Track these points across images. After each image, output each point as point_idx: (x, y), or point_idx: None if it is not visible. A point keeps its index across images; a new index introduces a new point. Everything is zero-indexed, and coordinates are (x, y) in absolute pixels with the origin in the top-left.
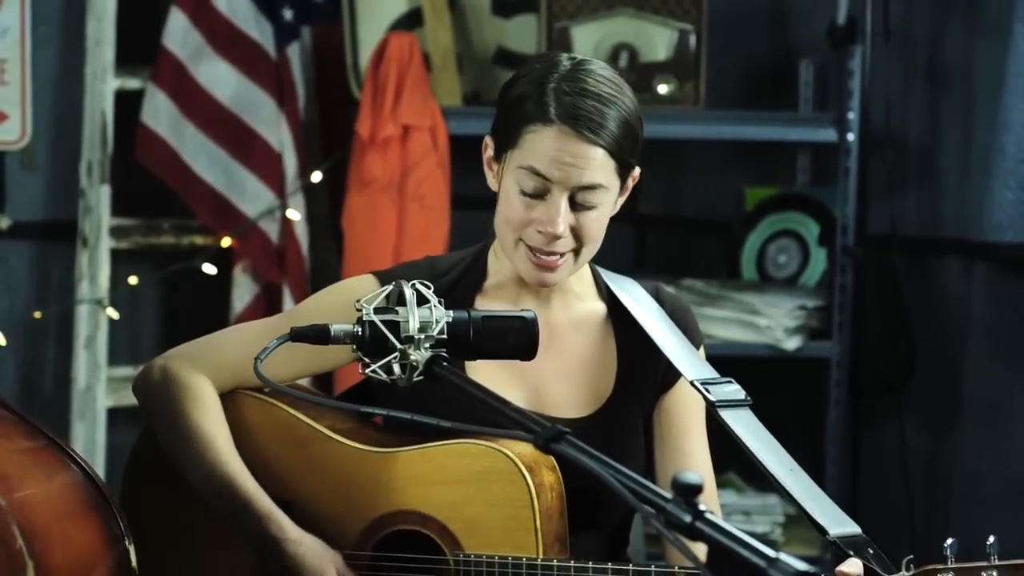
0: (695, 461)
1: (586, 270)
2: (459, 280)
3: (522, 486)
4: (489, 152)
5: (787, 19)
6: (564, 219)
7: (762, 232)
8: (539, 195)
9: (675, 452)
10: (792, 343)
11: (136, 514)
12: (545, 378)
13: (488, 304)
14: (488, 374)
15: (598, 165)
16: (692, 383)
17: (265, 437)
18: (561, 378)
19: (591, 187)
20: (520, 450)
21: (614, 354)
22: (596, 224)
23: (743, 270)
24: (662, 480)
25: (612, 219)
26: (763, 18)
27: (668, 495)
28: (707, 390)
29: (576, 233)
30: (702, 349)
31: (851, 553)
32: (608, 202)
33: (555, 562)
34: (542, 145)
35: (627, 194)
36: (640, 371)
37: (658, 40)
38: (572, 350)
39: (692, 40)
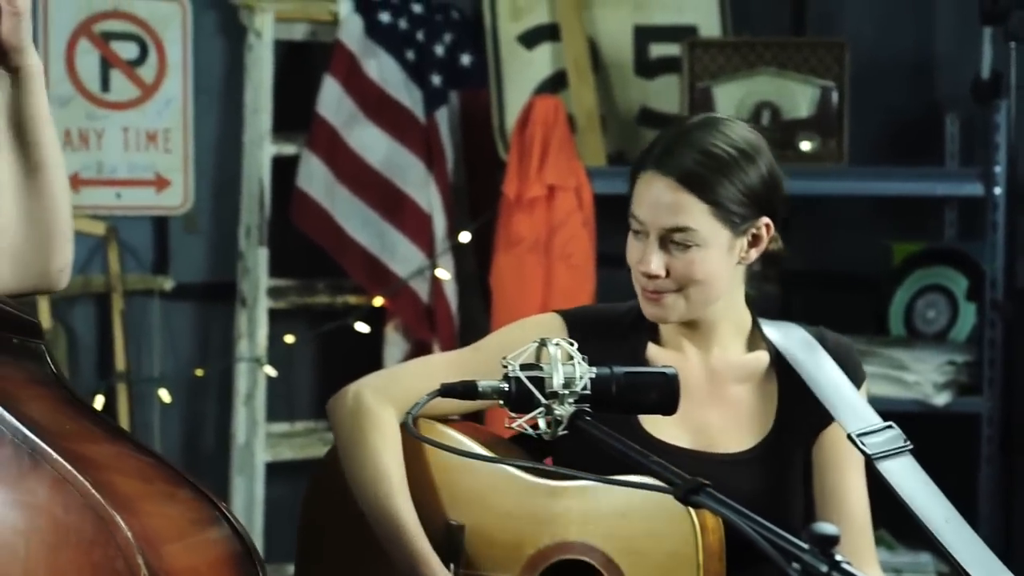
0: (851, 496)
1: (745, 320)
2: (632, 327)
3: (688, 524)
4: None
5: (930, 73)
6: (656, 259)
7: (910, 287)
8: (640, 236)
9: (832, 489)
10: (941, 399)
11: (313, 526)
12: (708, 420)
13: (657, 351)
14: (654, 416)
15: (686, 209)
16: (849, 436)
17: (443, 463)
18: (722, 419)
19: (679, 229)
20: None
21: (775, 396)
22: (695, 266)
23: (891, 326)
24: (819, 517)
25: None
26: (905, 73)
27: (805, 545)
28: (863, 442)
29: (674, 273)
30: (864, 387)
31: None
32: (712, 245)
33: None
34: (640, 190)
35: (761, 244)
36: (801, 412)
37: (800, 97)
38: (732, 394)
39: (834, 96)
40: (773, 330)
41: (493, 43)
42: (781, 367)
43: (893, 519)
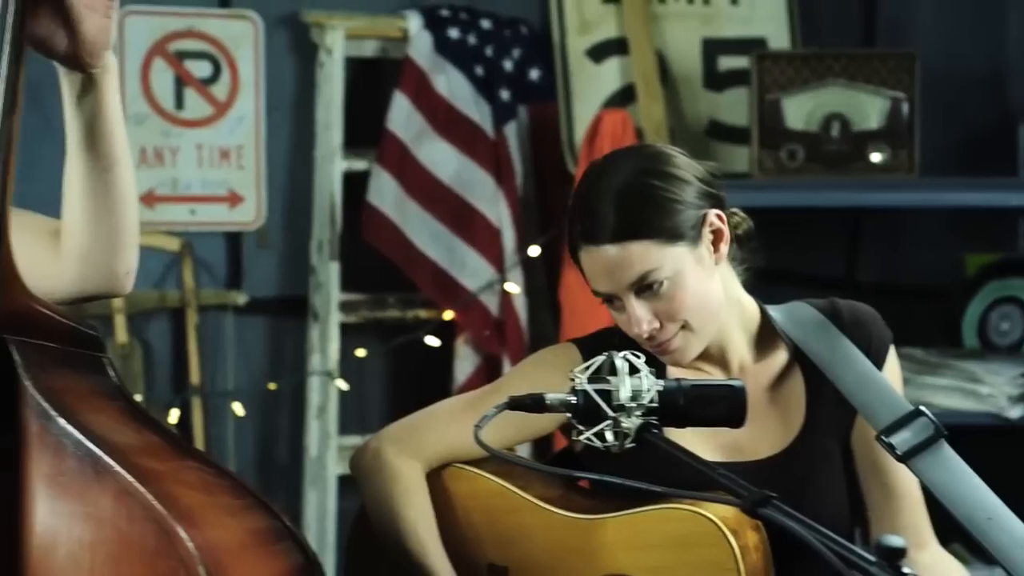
0: (898, 474)
1: (753, 318)
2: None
3: (726, 550)
4: None
5: (1002, 83)
6: (642, 316)
7: (984, 299)
8: (615, 304)
9: (878, 470)
10: (1016, 411)
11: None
12: (737, 434)
13: (678, 373)
14: (681, 434)
15: (635, 257)
16: (878, 438)
17: (478, 507)
18: (750, 428)
19: (642, 277)
20: (723, 513)
21: (802, 393)
22: (678, 298)
23: (964, 338)
24: (874, 513)
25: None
26: (977, 83)
27: (872, 558)
28: (892, 440)
29: (666, 316)
30: (891, 354)
31: None
32: (681, 270)
33: None
34: (588, 268)
35: (725, 234)
36: (831, 403)
37: (870, 109)
38: (758, 401)
39: (905, 107)
40: (784, 317)
41: (561, 57)
42: (802, 360)
43: (967, 534)
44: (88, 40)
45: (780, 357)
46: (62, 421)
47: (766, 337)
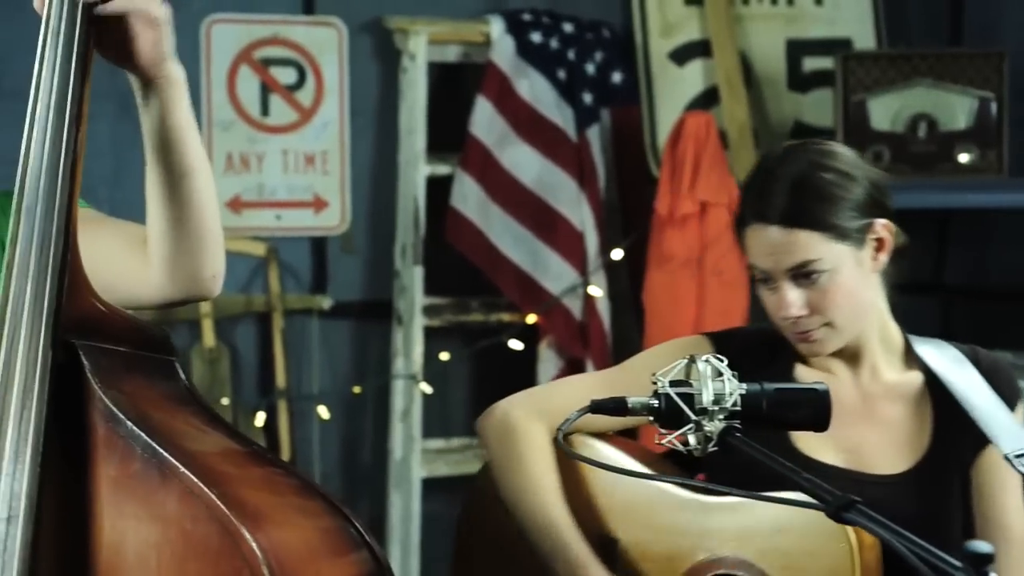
0: (1012, 517)
1: (896, 339)
2: (780, 348)
3: (845, 541)
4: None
5: None
6: (793, 300)
7: None
8: (769, 284)
9: (992, 510)
10: None
11: (467, 544)
12: (860, 440)
13: (805, 372)
14: (805, 435)
15: (802, 245)
16: (1005, 457)
17: (598, 477)
18: (875, 439)
19: (804, 264)
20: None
21: (930, 417)
22: (831, 293)
23: None
24: (980, 535)
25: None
26: None
27: (958, 563)
28: (1021, 464)
29: (815, 307)
30: (1021, 409)
31: None
32: (840, 267)
33: None
34: (750, 244)
35: (888, 246)
36: (958, 434)
37: (958, 109)
38: (885, 414)
39: (993, 107)
40: (925, 348)
41: (644, 60)
42: (935, 388)
43: None
44: (144, 53)
45: (913, 379)
46: (129, 424)
47: (902, 357)
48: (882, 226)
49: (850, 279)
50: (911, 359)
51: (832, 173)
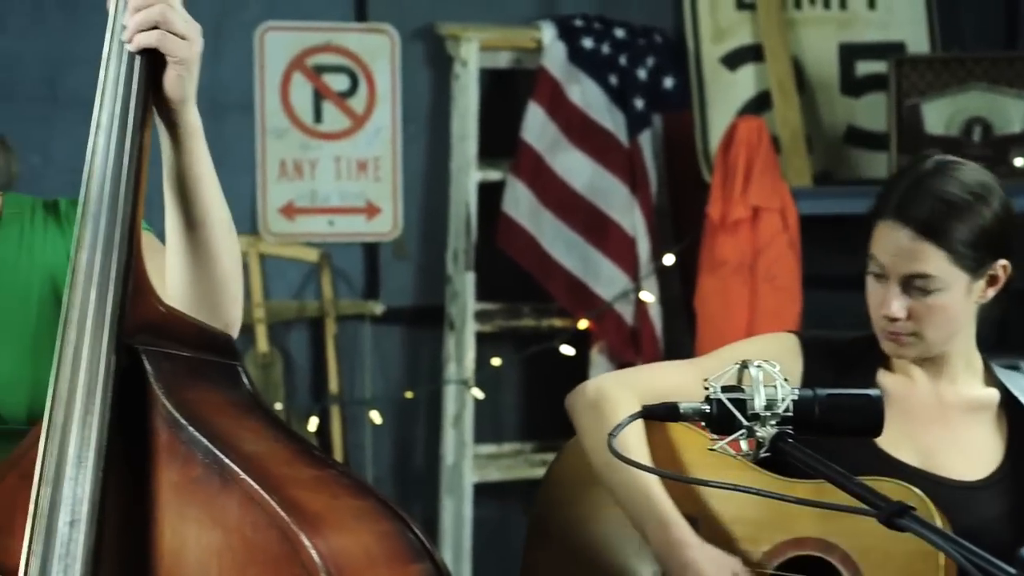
0: None
1: (976, 359)
2: (864, 353)
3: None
4: None
5: None
6: (897, 303)
7: None
8: (881, 279)
9: None
10: None
11: (543, 516)
12: (935, 443)
13: (887, 377)
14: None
15: (926, 258)
16: None
17: (682, 456)
18: (949, 445)
19: (920, 276)
20: None
21: (1004, 432)
22: (935, 310)
23: None
24: None
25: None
26: None
27: (1013, 571)
28: None
29: (915, 316)
30: None
31: None
32: (951, 289)
33: None
34: (880, 237)
35: (999, 284)
36: None
37: (1013, 113)
38: (959, 421)
39: None
40: (1004, 372)
41: (696, 65)
42: (1011, 407)
43: None
44: (166, 87)
45: (990, 396)
46: (191, 429)
47: (982, 377)
48: (1002, 266)
49: (955, 303)
50: (990, 379)
51: (979, 202)
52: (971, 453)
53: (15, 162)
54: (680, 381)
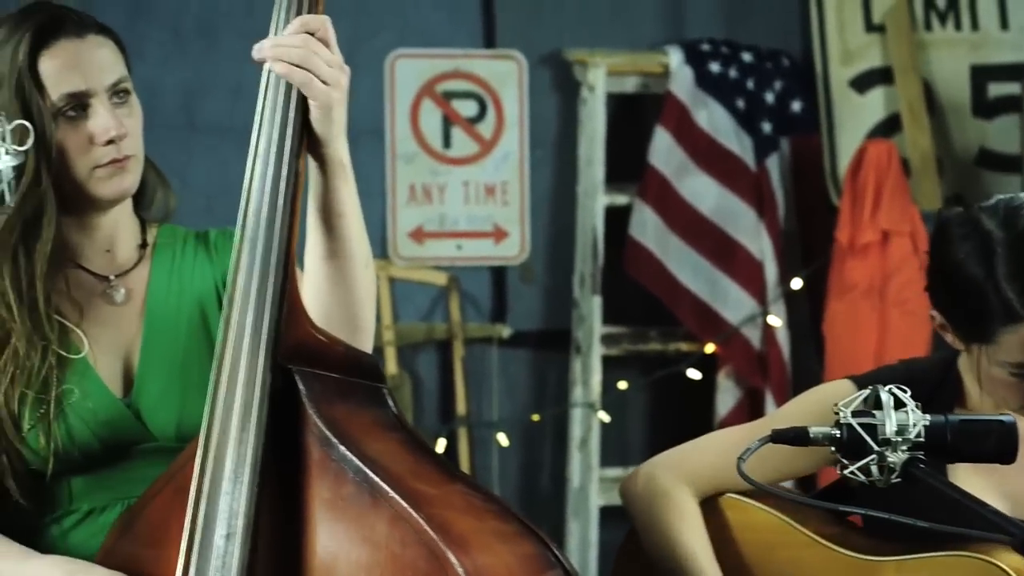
0: None
1: None
2: (939, 386)
3: None
4: (939, 321)
5: None
6: None
7: None
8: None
9: None
10: None
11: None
12: (1022, 490)
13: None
14: (965, 481)
15: None
16: None
17: (752, 539)
18: None
19: None
20: (1016, 564)
21: None
22: None
23: None
24: None
25: None
26: None
27: None
28: None
29: None
30: None
31: None
32: None
33: None
34: (1012, 341)
35: None
36: None
37: None
38: None
39: None
40: None
41: (824, 88)
42: None
43: None
44: (312, 124)
45: None
46: (343, 448)
47: None
48: None
49: None
50: None
51: None
52: None
53: (173, 199)
54: (734, 454)
